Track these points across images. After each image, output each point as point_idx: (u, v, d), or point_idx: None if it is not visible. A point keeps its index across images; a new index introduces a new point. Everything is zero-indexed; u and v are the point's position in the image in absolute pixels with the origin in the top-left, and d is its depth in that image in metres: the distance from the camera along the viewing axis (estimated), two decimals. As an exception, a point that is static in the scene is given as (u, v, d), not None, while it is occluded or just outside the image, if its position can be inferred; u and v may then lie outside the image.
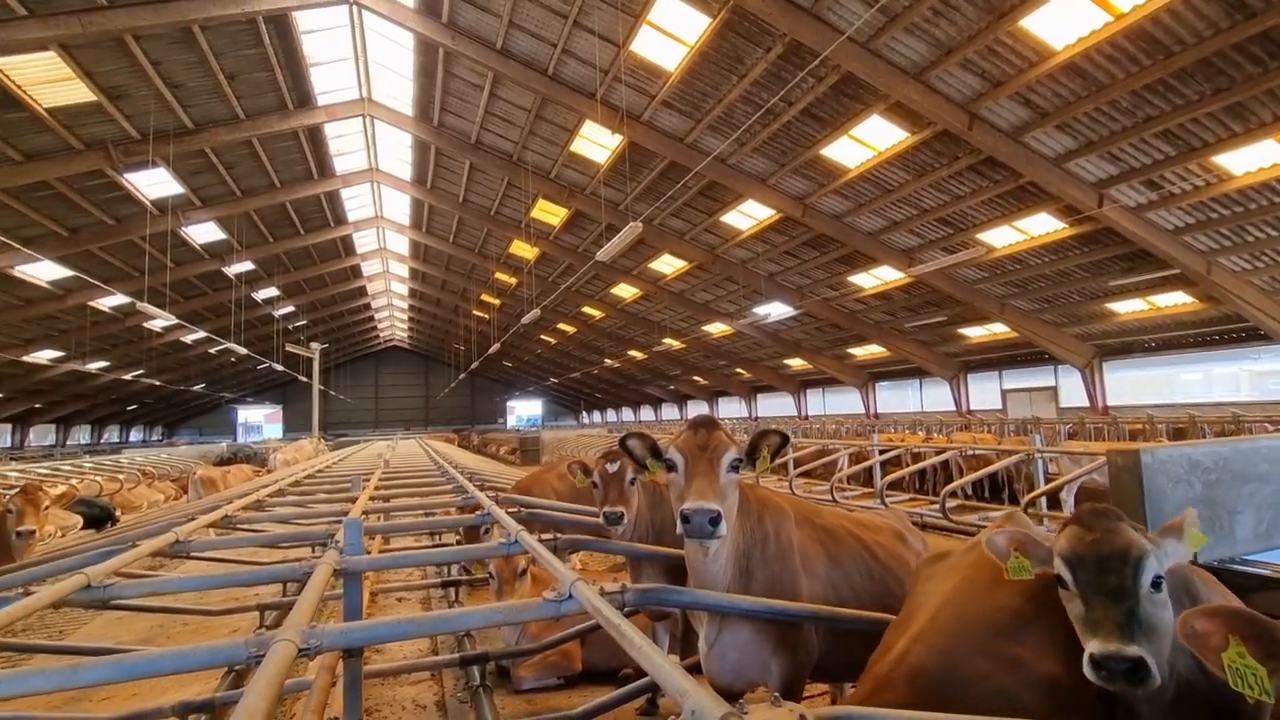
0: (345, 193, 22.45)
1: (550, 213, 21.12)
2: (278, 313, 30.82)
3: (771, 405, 33.84)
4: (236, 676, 3.86)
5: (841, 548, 2.76)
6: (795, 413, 30.90)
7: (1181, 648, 1.43)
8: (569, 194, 18.99)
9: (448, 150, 18.70)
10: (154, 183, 16.56)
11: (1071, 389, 19.85)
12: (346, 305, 37.61)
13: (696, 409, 38.63)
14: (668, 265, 23.00)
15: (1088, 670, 1.46)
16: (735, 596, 2.36)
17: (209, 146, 15.96)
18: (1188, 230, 12.82)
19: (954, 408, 23.07)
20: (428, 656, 4.75)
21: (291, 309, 32.48)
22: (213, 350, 32.79)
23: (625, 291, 26.77)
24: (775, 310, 21.24)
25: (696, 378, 36.35)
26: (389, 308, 43.36)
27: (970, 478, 8.79)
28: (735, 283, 21.73)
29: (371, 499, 5.22)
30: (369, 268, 32.46)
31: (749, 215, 17.87)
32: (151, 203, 17.27)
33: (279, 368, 31.33)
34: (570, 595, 1.99)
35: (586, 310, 30.92)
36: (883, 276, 18.86)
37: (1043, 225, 14.34)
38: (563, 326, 34.74)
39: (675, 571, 3.10)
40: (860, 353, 25.26)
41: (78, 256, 18.43)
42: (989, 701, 1.65)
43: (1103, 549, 1.58)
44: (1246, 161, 10.83)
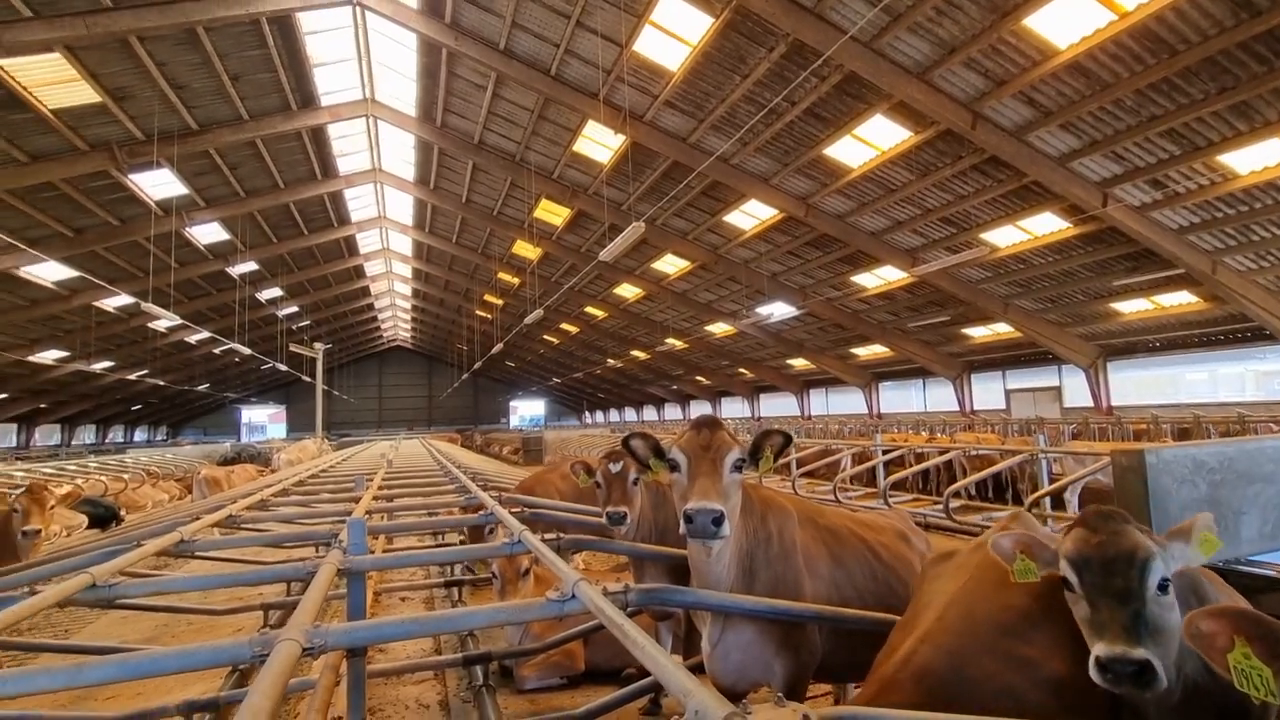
0: (348, 193, 22.50)
1: (553, 213, 21.14)
2: (281, 313, 30.89)
3: (774, 405, 33.80)
4: (241, 676, 3.87)
5: (845, 548, 2.75)
6: (798, 413, 30.87)
7: (1189, 649, 1.43)
8: (572, 194, 19.01)
9: (451, 150, 18.73)
10: (158, 183, 16.62)
11: (1075, 389, 19.78)
12: (350, 305, 37.69)
13: (699, 409, 38.62)
14: (670, 265, 22.99)
15: (1094, 673, 1.45)
16: (738, 596, 2.35)
17: (213, 147, 16.01)
18: (1192, 230, 12.77)
19: (957, 408, 23.01)
20: (431, 656, 4.76)
21: (295, 309, 32.55)
22: (217, 350, 32.90)
23: (628, 291, 26.78)
24: (778, 310, 21.22)
25: (699, 378, 36.34)
26: (392, 308, 43.44)
27: (974, 478, 8.76)
28: (738, 283, 21.71)
29: (375, 499, 5.23)
30: (372, 268, 32.52)
31: (752, 215, 17.86)
32: (156, 203, 17.33)
33: (283, 368, 31.42)
34: (573, 595, 1.99)
35: (589, 310, 30.94)
36: (886, 276, 18.83)
37: (1046, 225, 14.29)
38: (565, 326, 34.76)
39: (678, 571, 3.10)
40: (863, 353, 25.22)
41: (83, 257, 18.52)
42: (997, 701, 1.64)
43: (1108, 551, 1.57)
44: (1252, 160, 10.78)
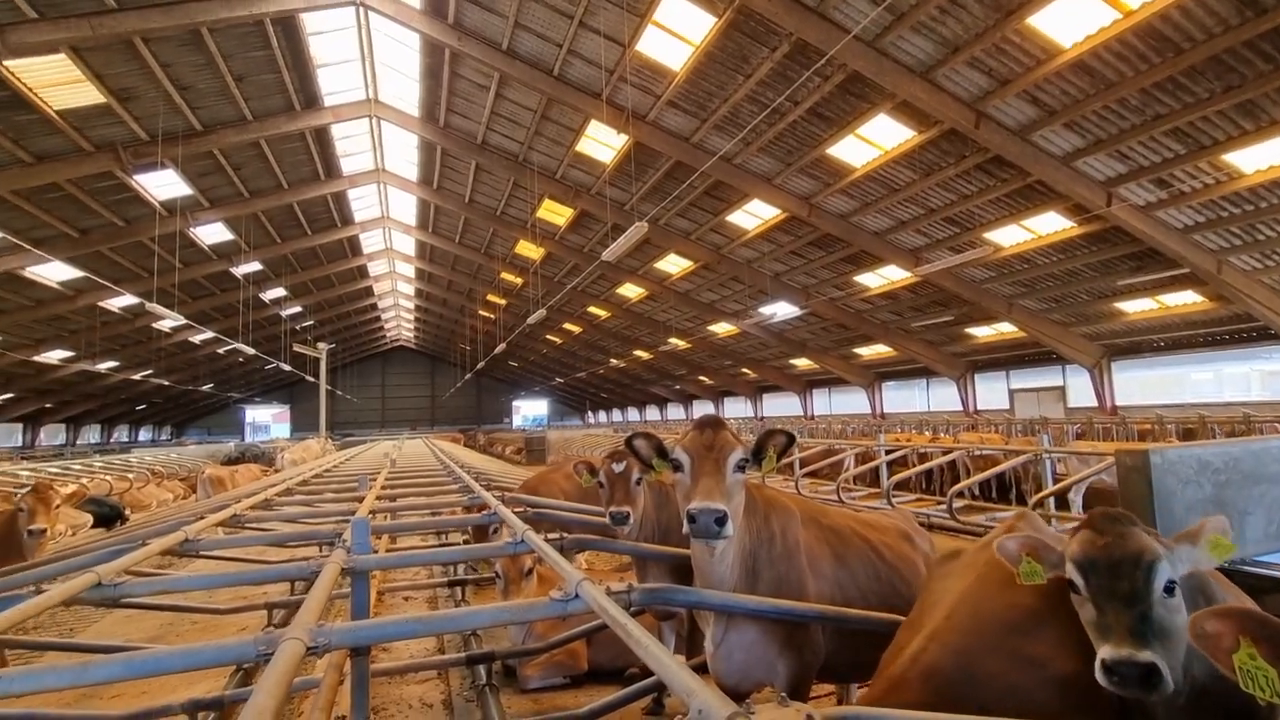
0: (352, 193, 22.54)
1: (556, 213, 21.16)
2: (285, 313, 30.98)
3: (777, 405, 33.77)
4: (245, 674, 3.88)
5: (848, 548, 2.75)
6: (801, 413, 30.84)
7: (1197, 651, 1.42)
8: (574, 194, 19.01)
9: (454, 151, 18.75)
10: (163, 184, 16.67)
11: (1080, 389, 19.73)
12: (353, 305, 37.76)
13: (702, 409, 38.61)
14: (673, 265, 22.99)
15: (1100, 676, 1.45)
16: (742, 596, 2.35)
17: (217, 148, 16.06)
18: (1197, 229, 12.72)
19: (961, 408, 22.96)
20: (434, 655, 4.76)
21: (299, 309, 32.64)
22: (221, 350, 33.01)
23: (631, 291, 26.78)
24: (781, 310, 21.20)
25: (702, 378, 36.32)
26: (395, 308, 43.51)
27: (977, 478, 8.74)
28: (741, 282, 21.69)
29: (378, 498, 5.24)
30: (375, 268, 32.58)
31: (755, 215, 17.85)
32: (160, 204, 17.39)
33: (286, 368, 31.49)
34: (577, 595, 1.99)
35: (592, 310, 30.95)
36: (889, 276, 18.80)
37: (1051, 224, 14.25)
38: (568, 326, 34.78)
39: (681, 571, 3.10)
40: (866, 352, 25.18)
41: (88, 257, 18.61)
42: (1005, 700, 1.63)
43: (1115, 553, 1.56)
44: (1257, 159, 10.74)
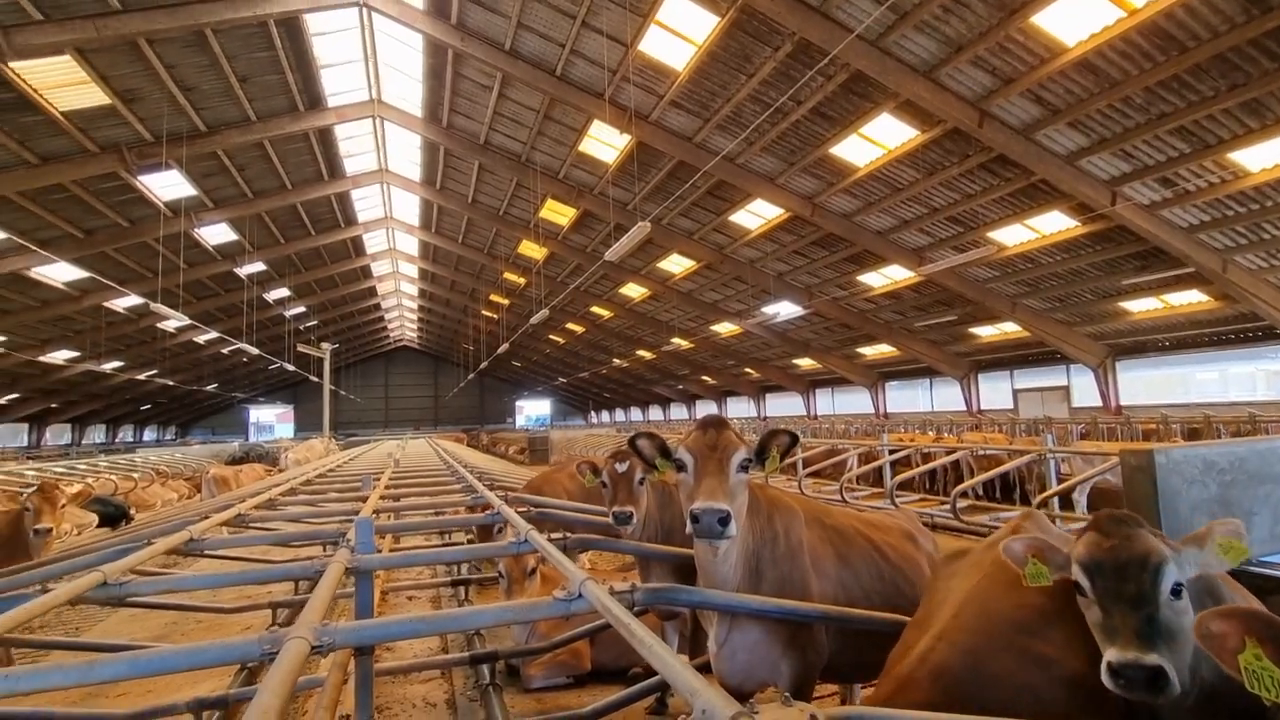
0: (355, 194, 22.60)
1: (559, 213, 21.17)
2: (289, 313, 31.06)
3: (780, 405, 33.73)
4: (250, 674, 3.89)
5: (852, 548, 2.74)
6: (804, 412, 30.80)
7: (1205, 653, 1.41)
8: (577, 194, 19.02)
9: (457, 151, 18.77)
10: (167, 185, 16.73)
11: (1084, 389, 19.66)
12: (357, 305, 37.84)
13: (705, 409, 38.61)
14: (676, 265, 22.98)
15: (1106, 679, 1.44)
16: (745, 596, 2.35)
17: (221, 148, 16.12)
18: (1203, 228, 12.67)
19: (965, 408, 22.90)
20: (438, 655, 4.76)
21: (302, 309, 32.73)
22: (225, 350, 33.11)
23: (634, 291, 26.78)
24: (784, 310, 21.17)
25: (705, 377, 36.30)
26: (399, 308, 43.59)
27: (981, 478, 8.73)
28: (744, 282, 21.67)
29: (382, 498, 5.25)
30: (379, 268, 32.65)
31: (758, 214, 17.83)
32: (165, 204, 17.46)
33: (290, 368, 31.56)
34: (580, 594, 1.99)
35: (595, 310, 30.96)
36: (892, 275, 18.76)
37: (1055, 223, 14.21)
38: (571, 326, 34.79)
39: (684, 571, 3.10)
40: (870, 352, 25.14)
41: (93, 258, 18.69)
42: (1014, 699, 1.63)
43: (1121, 556, 1.55)
44: (1263, 158, 10.69)
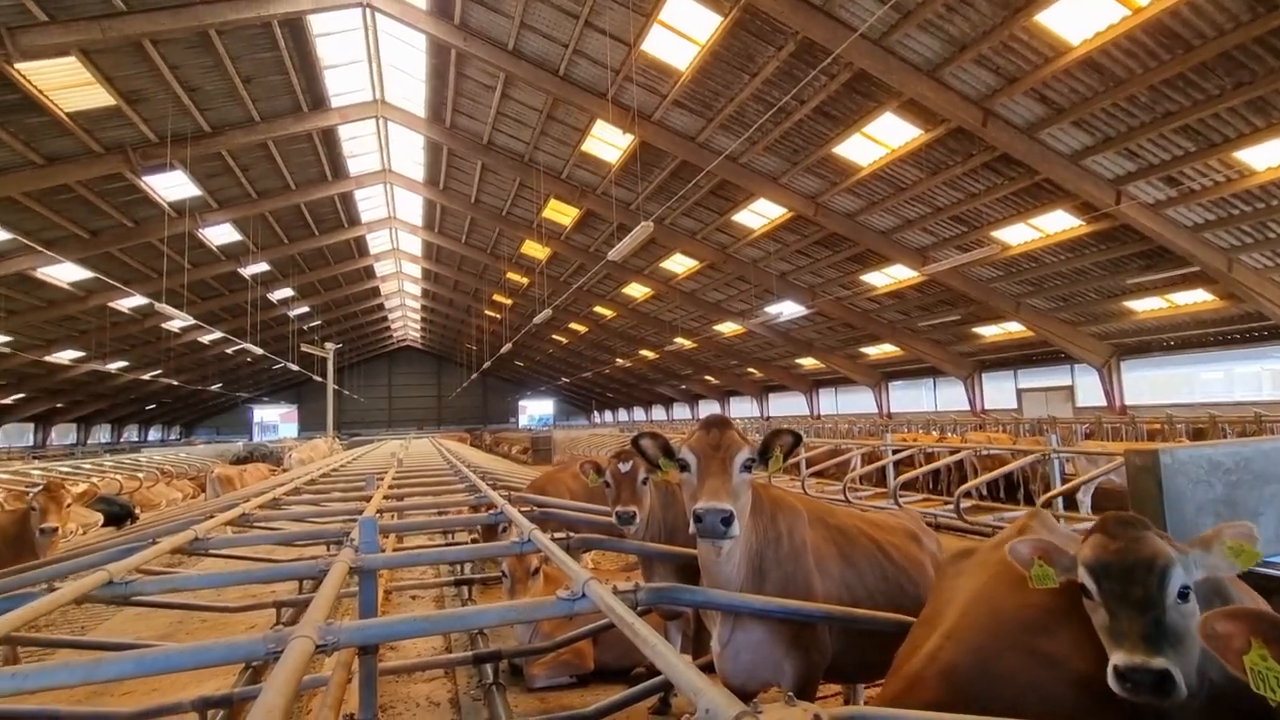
0: (359, 194, 22.65)
1: (562, 213, 21.18)
2: (293, 313, 31.15)
3: (783, 405, 33.69)
4: (254, 672, 3.90)
5: (855, 548, 2.74)
6: (807, 412, 30.76)
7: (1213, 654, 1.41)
8: (580, 194, 19.03)
9: (460, 151, 18.80)
10: (172, 185, 16.80)
11: (1088, 388, 19.59)
12: (360, 306, 37.93)
13: (708, 408, 38.60)
14: (679, 265, 22.98)
15: (1112, 682, 1.43)
16: (748, 596, 2.35)
17: (225, 149, 16.17)
18: (1208, 227, 12.62)
19: (968, 407, 22.85)
20: (441, 654, 4.77)
21: (306, 309, 32.82)
22: (229, 350, 33.22)
23: (637, 291, 26.78)
24: (787, 309, 21.15)
25: (708, 377, 36.29)
26: (402, 308, 43.68)
27: (985, 478, 8.70)
28: (747, 282, 21.66)
29: (385, 498, 5.26)
30: (382, 268, 32.72)
31: (760, 214, 17.82)
32: (169, 205, 17.51)
33: (294, 368, 31.65)
34: (584, 594, 1.99)
35: (598, 310, 30.97)
36: (896, 275, 18.73)
37: (1059, 223, 14.16)
38: (574, 326, 34.82)
39: (688, 570, 3.09)
40: (873, 352, 25.10)
41: (98, 258, 18.76)
42: (1024, 698, 1.62)
43: (1127, 559, 1.54)
44: (1268, 157, 10.64)
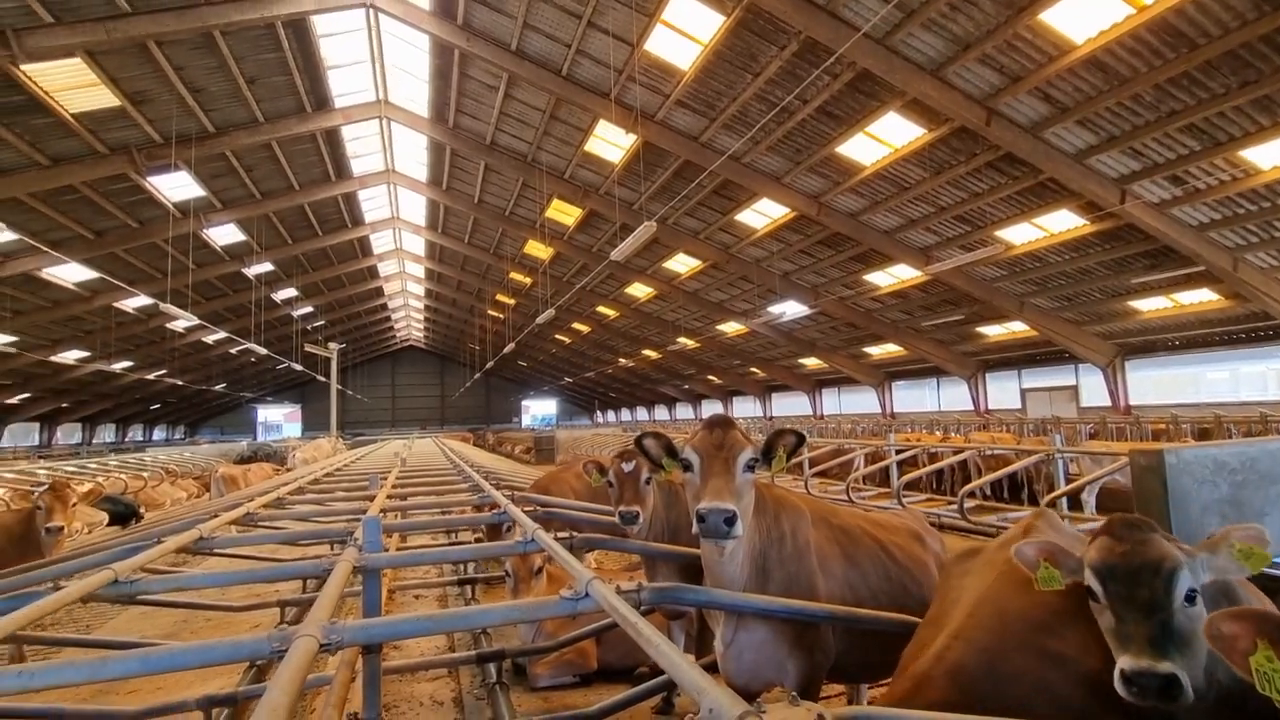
0: (362, 194, 22.69)
1: (564, 213, 21.19)
2: (296, 313, 31.22)
3: (786, 405, 33.66)
4: (259, 671, 3.91)
5: (858, 548, 2.73)
6: (810, 412, 30.72)
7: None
8: (583, 194, 19.04)
9: (463, 151, 18.82)
10: (176, 186, 16.86)
11: (1093, 388, 19.53)
12: (363, 306, 38.00)
13: (711, 408, 38.56)
14: (682, 264, 22.97)
15: (1119, 685, 1.42)
16: (751, 596, 2.35)
17: (229, 149, 16.21)
18: (1213, 226, 12.57)
19: (972, 407, 22.79)
20: (445, 653, 4.78)
21: (310, 309, 32.88)
22: (233, 350, 33.29)
23: (639, 291, 26.78)
24: (790, 309, 21.13)
25: (711, 377, 36.27)
26: (405, 308, 43.74)
27: (989, 478, 8.69)
28: (750, 282, 21.64)
29: (389, 497, 5.27)
30: (385, 268, 32.77)
31: (763, 214, 17.80)
32: (174, 205, 17.57)
33: (298, 367, 31.75)
34: (587, 593, 1.99)
35: (601, 310, 30.98)
36: (899, 275, 18.69)
37: (1063, 222, 14.12)
38: (577, 326, 34.83)
39: (691, 570, 3.10)
40: (876, 352, 25.06)
41: (103, 259, 18.83)
42: (1032, 697, 1.62)
43: (1134, 561, 1.53)
44: (1274, 156, 10.59)
